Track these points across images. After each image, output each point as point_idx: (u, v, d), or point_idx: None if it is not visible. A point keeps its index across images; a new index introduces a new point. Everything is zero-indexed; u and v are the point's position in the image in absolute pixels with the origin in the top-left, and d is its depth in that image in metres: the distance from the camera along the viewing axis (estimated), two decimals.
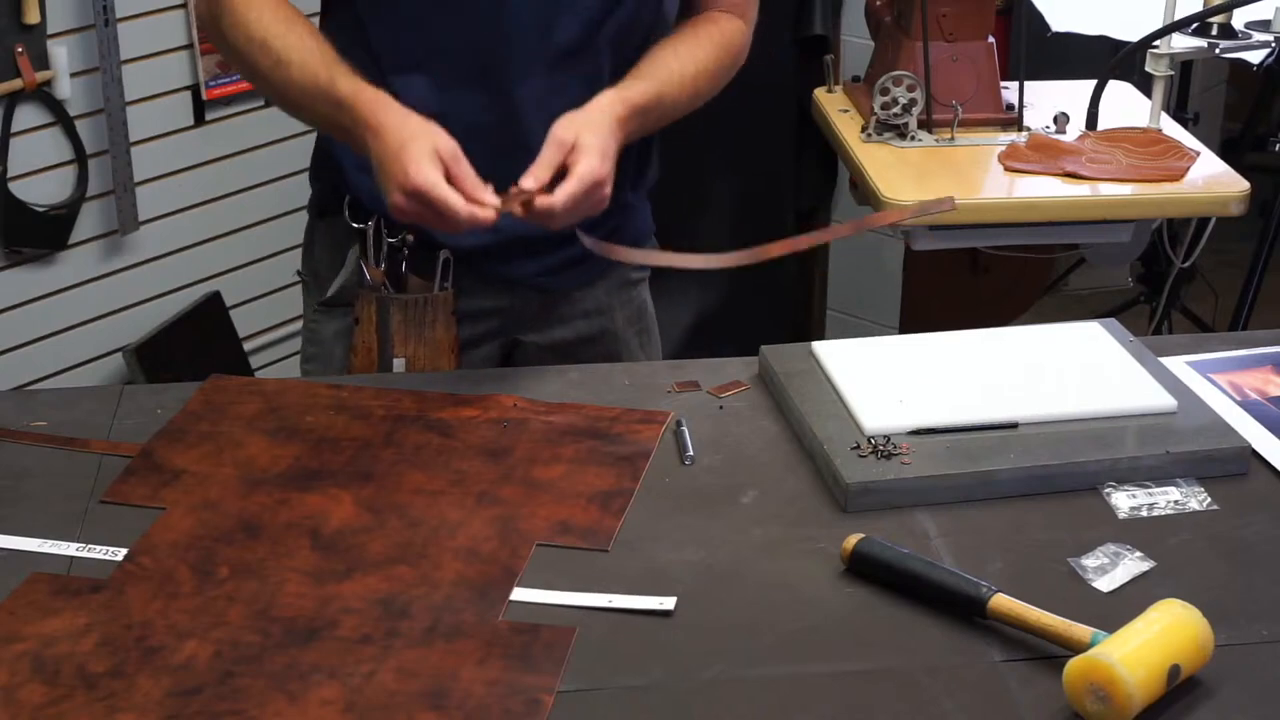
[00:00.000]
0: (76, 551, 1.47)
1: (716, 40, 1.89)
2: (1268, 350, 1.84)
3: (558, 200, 1.66)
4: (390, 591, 1.40)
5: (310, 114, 1.78)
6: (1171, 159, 2.72)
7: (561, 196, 1.66)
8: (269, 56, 1.74)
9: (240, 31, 1.76)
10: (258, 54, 1.75)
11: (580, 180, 1.67)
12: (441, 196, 1.62)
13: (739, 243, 3.59)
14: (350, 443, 1.64)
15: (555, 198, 1.66)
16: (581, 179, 1.67)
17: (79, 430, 1.67)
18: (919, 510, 1.53)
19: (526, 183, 1.67)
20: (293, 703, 1.27)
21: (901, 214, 1.54)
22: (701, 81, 1.86)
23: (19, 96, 2.83)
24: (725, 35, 1.90)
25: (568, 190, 1.66)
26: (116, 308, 3.09)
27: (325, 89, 1.71)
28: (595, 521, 1.52)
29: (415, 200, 1.62)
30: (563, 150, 1.68)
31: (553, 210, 1.67)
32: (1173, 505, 1.55)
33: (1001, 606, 1.35)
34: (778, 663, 1.33)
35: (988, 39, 2.87)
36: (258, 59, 1.76)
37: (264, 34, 1.75)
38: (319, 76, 1.72)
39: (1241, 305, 3.13)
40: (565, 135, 1.69)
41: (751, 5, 1.96)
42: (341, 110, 1.70)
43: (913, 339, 1.82)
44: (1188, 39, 2.88)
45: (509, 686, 1.28)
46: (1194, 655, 1.29)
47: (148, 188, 3.05)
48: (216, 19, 1.80)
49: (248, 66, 1.79)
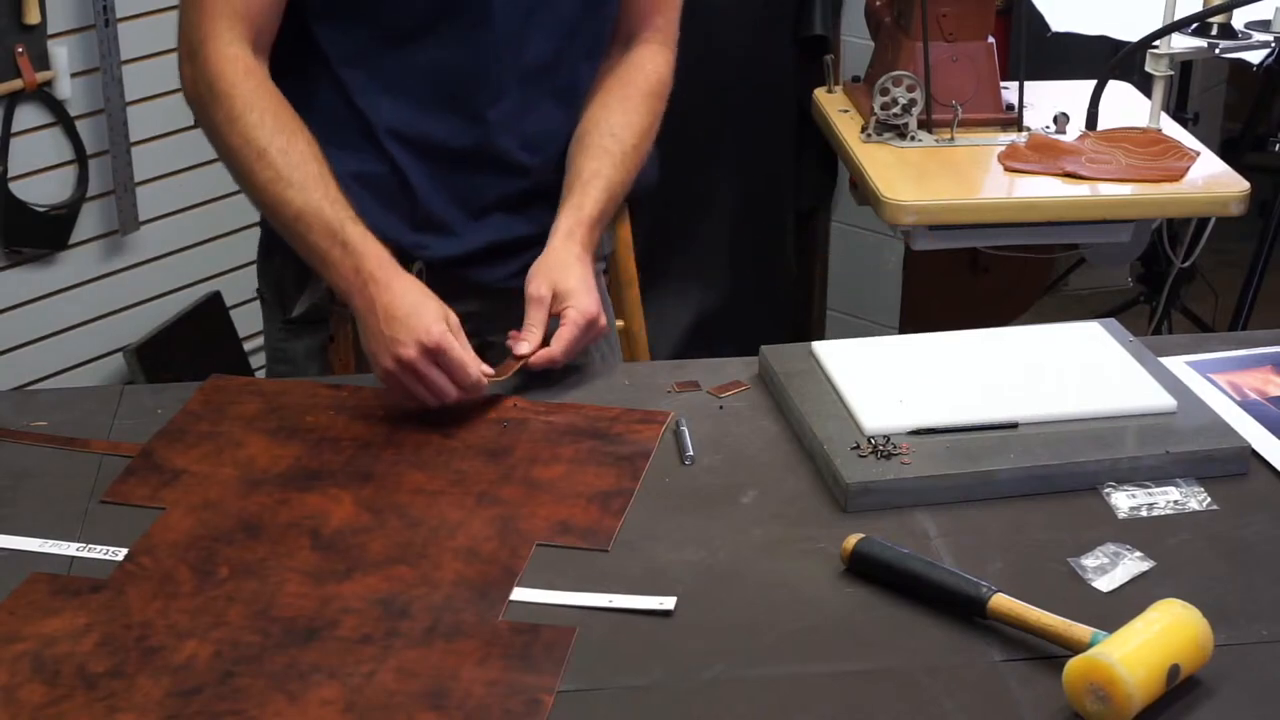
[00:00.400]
0: (77, 551, 1.47)
1: (645, 92, 1.91)
2: (1268, 350, 1.84)
3: (558, 353, 1.72)
4: (390, 591, 1.40)
5: (297, 236, 1.71)
6: (1171, 159, 2.72)
7: (561, 347, 1.72)
8: (268, 169, 1.70)
9: (238, 132, 1.71)
10: (254, 162, 1.71)
11: (575, 325, 1.73)
12: (459, 357, 1.64)
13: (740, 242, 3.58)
14: (350, 443, 1.64)
15: (555, 351, 1.72)
16: (575, 324, 1.73)
17: (79, 430, 1.67)
18: (919, 510, 1.53)
19: (521, 349, 1.71)
20: (293, 703, 1.27)
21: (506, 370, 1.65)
22: (643, 147, 1.89)
23: (19, 96, 2.83)
24: (651, 82, 1.92)
25: (566, 339, 1.72)
26: (116, 308, 3.09)
27: (329, 224, 1.69)
28: (595, 521, 1.52)
29: (426, 357, 1.62)
30: (544, 307, 1.73)
31: (555, 361, 1.72)
32: (1172, 505, 1.55)
33: (1001, 606, 1.35)
34: (778, 663, 1.33)
35: (988, 39, 2.87)
36: (254, 167, 1.71)
37: (265, 144, 1.70)
38: (324, 210, 1.69)
39: (1241, 305, 3.13)
40: (542, 293, 1.73)
41: (674, 27, 1.97)
42: (346, 252, 1.68)
43: (913, 339, 1.82)
44: (1188, 39, 2.88)
45: (509, 686, 1.28)
46: (1194, 655, 1.29)
47: (148, 188, 3.05)
48: (208, 108, 1.74)
49: (240, 168, 1.73)
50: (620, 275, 3.09)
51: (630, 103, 1.89)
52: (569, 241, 1.79)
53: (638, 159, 1.88)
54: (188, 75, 1.77)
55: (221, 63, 1.72)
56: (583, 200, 1.82)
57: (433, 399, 1.65)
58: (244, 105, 1.72)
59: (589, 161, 1.84)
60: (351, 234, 1.69)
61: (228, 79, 1.72)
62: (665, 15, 1.94)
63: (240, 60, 1.73)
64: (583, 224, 1.80)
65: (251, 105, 1.72)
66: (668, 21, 1.95)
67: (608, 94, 1.90)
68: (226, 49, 1.73)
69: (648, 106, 1.91)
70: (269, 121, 1.71)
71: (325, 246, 1.69)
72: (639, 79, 1.91)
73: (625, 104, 1.89)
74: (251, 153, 1.71)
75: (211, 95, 1.73)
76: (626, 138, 1.87)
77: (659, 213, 3.41)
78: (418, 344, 1.63)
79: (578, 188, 1.83)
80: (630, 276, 3.09)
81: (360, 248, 1.68)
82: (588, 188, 1.83)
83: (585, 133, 1.87)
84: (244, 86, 1.72)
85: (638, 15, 1.92)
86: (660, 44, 1.94)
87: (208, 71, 1.73)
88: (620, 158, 1.86)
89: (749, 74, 3.54)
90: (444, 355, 1.63)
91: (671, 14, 1.95)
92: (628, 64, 1.92)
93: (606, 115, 1.88)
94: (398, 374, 1.64)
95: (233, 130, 1.72)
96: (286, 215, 1.71)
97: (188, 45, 1.76)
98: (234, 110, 1.72)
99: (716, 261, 3.64)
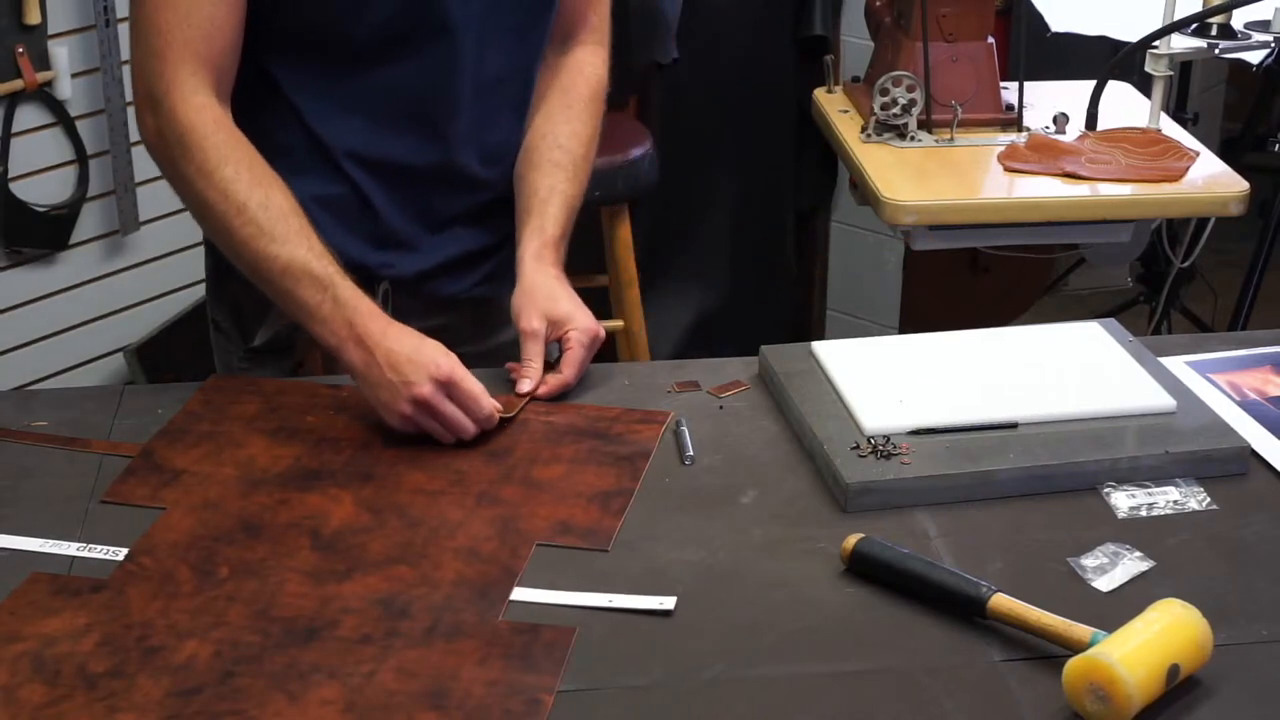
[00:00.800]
0: (77, 551, 1.47)
1: (588, 97, 1.90)
2: (1267, 350, 1.84)
3: (570, 377, 1.73)
4: (390, 591, 1.40)
5: (283, 291, 1.67)
6: (1171, 159, 2.72)
7: (572, 371, 1.73)
8: (249, 224, 1.66)
9: (214, 186, 1.67)
10: (234, 218, 1.66)
11: (581, 346, 1.74)
12: (471, 388, 1.63)
13: (740, 242, 3.59)
14: (350, 443, 1.64)
15: (567, 375, 1.73)
16: (581, 344, 1.74)
17: (79, 430, 1.67)
18: (919, 510, 1.53)
19: (524, 386, 1.71)
20: (293, 703, 1.27)
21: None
22: (590, 155, 1.89)
23: (20, 97, 2.83)
24: (592, 86, 1.91)
25: (575, 362, 1.74)
26: (117, 308, 3.09)
27: (318, 279, 1.65)
28: (595, 521, 1.52)
29: (440, 391, 1.61)
30: (540, 339, 1.73)
31: (568, 385, 1.73)
32: (1172, 505, 1.55)
33: (1001, 606, 1.35)
34: (778, 663, 1.33)
35: (988, 39, 2.87)
36: (234, 223, 1.66)
37: (244, 199, 1.66)
38: (310, 264, 1.66)
39: (1241, 305, 3.13)
40: (534, 325, 1.73)
41: (608, 24, 1.95)
42: (338, 306, 1.65)
43: (913, 339, 1.82)
44: (1187, 39, 2.88)
45: (509, 686, 1.29)
46: (1193, 655, 1.29)
47: (148, 188, 3.05)
48: (176, 162, 1.69)
49: (216, 223, 1.68)
50: (620, 275, 3.10)
51: (573, 110, 1.88)
52: (540, 264, 1.78)
53: (588, 168, 1.88)
54: (150, 126, 1.70)
55: (189, 114, 1.67)
56: (543, 221, 1.81)
57: (448, 435, 1.63)
58: (218, 159, 1.67)
59: (543, 178, 1.84)
60: (341, 288, 1.66)
61: (199, 131, 1.67)
62: (599, 13, 1.93)
63: (208, 110, 1.68)
64: (549, 245, 1.80)
65: (226, 159, 1.67)
66: (601, 19, 1.94)
67: (550, 104, 1.88)
68: (192, 98, 1.68)
69: (590, 113, 1.90)
70: (245, 175, 1.67)
71: (315, 302, 1.66)
72: (579, 84, 1.90)
73: (569, 112, 1.88)
74: (230, 208, 1.66)
75: (181, 149, 1.67)
76: (575, 148, 1.86)
77: (659, 213, 3.42)
78: (430, 379, 1.61)
79: (536, 207, 1.82)
80: (630, 276, 3.09)
81: (352, 302, 1.66)
82: (546, 206, 1.82)
83: (533, 147, 1.86)
84: (215, 139, 1.67)
85: (572, 16, 1.90)
86: (596, 43, 1.93)
87: (176, 125, 1.67)
88: (572, 170, 1.85)
89: (749, 74, 3.54)
90: (456, 387, 1.62)
91: (604, 10, 1.94)
92: (567, 69, 1.90)
93: (552, 127, 1.87)
94: (414, 416, 1.62)
95: (208, 185, 1.67)
96: (272, 270, 1.67)
97: (148, 95, 1.69)
98: (207, 164, 1.67)
99: (716, 261, 3.65)
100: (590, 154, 1.89)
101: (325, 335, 1.66)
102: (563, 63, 1.91)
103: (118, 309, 3.09)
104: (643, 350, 3.15)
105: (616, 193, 2.95)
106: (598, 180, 2.88)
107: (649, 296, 3.25)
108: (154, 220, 3.09)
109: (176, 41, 1.67)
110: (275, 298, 1.70)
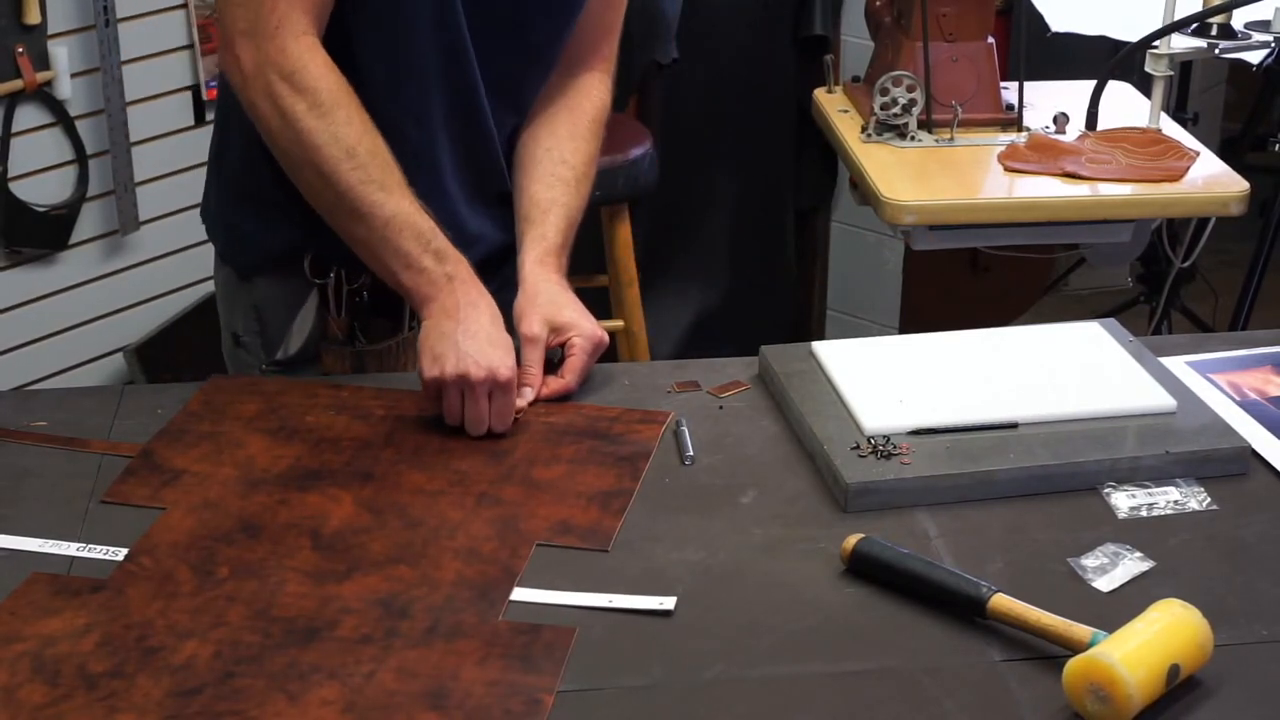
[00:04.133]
0: (77, 551, 1.47)
1: (593, 118, 1.91)
2: (1267, 350, 1.84)
3: (572, 382, 1.73)
4: (390, 591, 1.40)
5: (383, 240, 1.68)
6: (1171, 159, 2.72)
7: (574, 376, 1.74)
8: (358, 169, 1.66)
9: (323, 128, 1.65)
10: (343, 162, 1.65)
11: (584, 352, 1.74)
12: (512, 401, 1.65)
13: (740, 242, 3.59)
14: (350, 443, 1.64)
15: (569, 381, 1.73)
16: (584, 350, 1.74)
17: (79, 430, 1.67)
18: (919, 510, 1.53)
19: (525, 398, 1.70)
20: (293, 703, 1.27)
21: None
22: (591, 173, 1.90)
23: (19, 97, 2.83)
24: (598, 109, 1.92)
25: (577, 368, 1.74)
26: (117, 308, 3.09)
27: (422, 231, 1.68)
28: (595, 521, 1.52)
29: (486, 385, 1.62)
30: (540, 345, 1.73)
31: (569, 389, 1.73)
32: (1172, 505, 1.55)
33: (1001, 606, 1.35)
34: (778, 663, 1.33)
35: (988, 39, 2.87)
36: (341, 167, 1.65)
37: (354, 143, 1.66)
38: (414, 217, 1.68)
39: (1241, 305, 3.13)
40: (535, 331, 1.73)
41: (615, 55, 1.96)
42: (439, 260, 1.67)
43: (913, 339, 1.82)
44: (1187, 39, 2.88)
45: (509, 686, 1.29)
46: (1194, 655, 1.29)
47: (148, 188, 3.05)
48: (282, 99, 1.65)
49: (320, 165, 1.66)
50: (620, 275, 3.10)
51: (579, 128, 1.89)
52: (543, 270, 1.79)
53: (588, 185, 1.89)
54: (249, 59, 1.66)
55: (302, 52, 1.65)
56: (545, 229, 1.81)
57: (460, 421, 1.64)
58: (332, 101, 1.65)
59: (545, 190, 1.84)
60: (443, 243, 1.69)
61: (311, 71, 1.65)
62: (610, 44, 1.94)
63: (319, 52, 1.67)
64: (551, 252, 1.80)
65: (339, 102, 1.66)
66: (611, 51, 1.95)
67: (556, 120, 1.89)
68: (304, 37, 1.66)
69: (594, 134, 1.91)
70: (356, 120, 1.67)
71: (417, 252, 1.67)
72: (586, 106, 1.91)
73: (574, 129, 1.89)
74: (340, 151, 1.65)
75: (291, 85, 1.65)
76: (578, 164, 1.87)
77: (659, 213, 3.42)
78: (490, 371, 1.62)
79: (538, 217, 1.82)
80: (630, 276, 3.10)
81: (454, 257, 1.69)
82: (548, 215, 1.82)
83: (537, 160, 1.86)
84: (328, 80, 1.66)
85: (586, 44, 1.90)
86: (604, 72, 1.94)
87: (287, 60, 1.64)
88: (574, 184, 1.86)
89: (749, 74, 3.54)
90: (503, 395, 1.64)
91: (615, 42, 1.95)
92: (576, 90, 1.91)
93: (557, 142, 1.87)
94: (449, 383, 1.62)
95: (320, 125, 1.65)
96: (376, 217, 1.67)
97: (250, 28, 1.65)
98: (321, 105, 1.65)
99: (716, 261, 3.65)
100: (591, 173, 1.90)
101: (420, 284, 1.68)
102: (571, 85, 1.91)
103: (118, 309, 3.09)
104: (643, 350, 3.15)
105: (616, 193, 2.95)
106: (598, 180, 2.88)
107: (649, 296, 3.25)
108: (154, 220, 3.09)
109: None
110: (366, 246, 1.70)
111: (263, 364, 1.90)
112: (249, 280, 1.87)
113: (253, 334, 1.90)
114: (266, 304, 1.87)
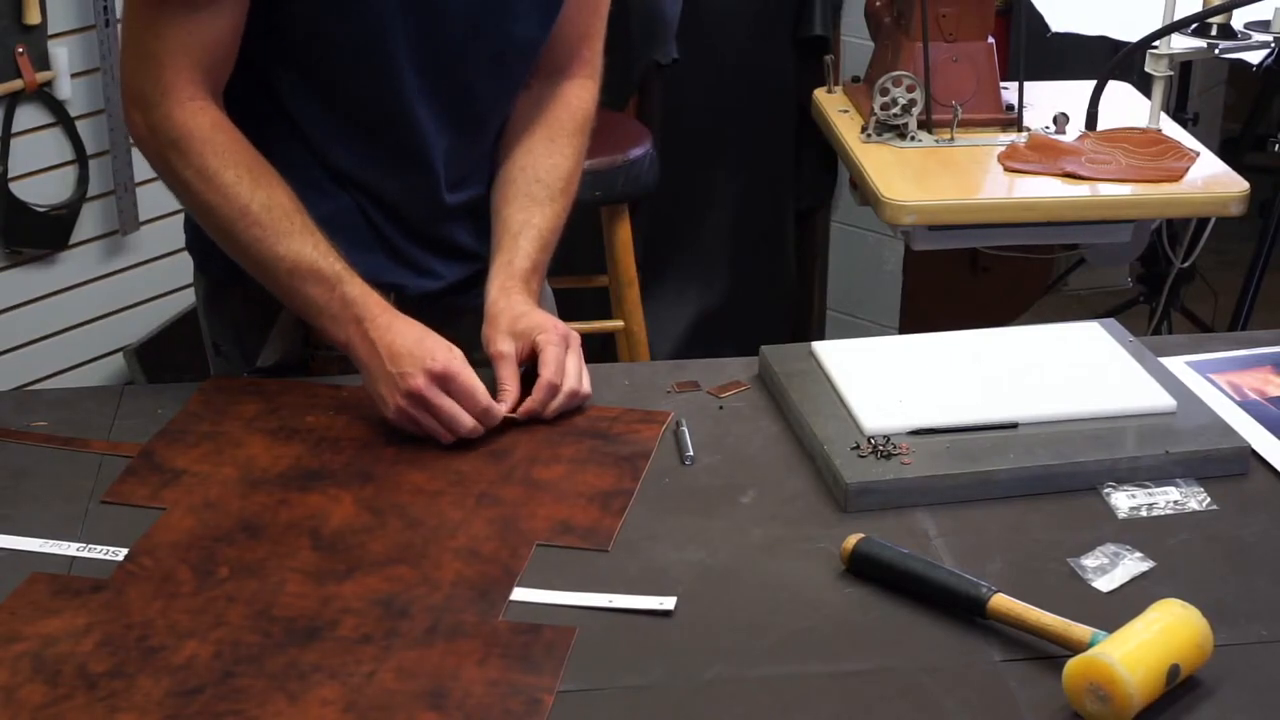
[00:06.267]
0: (77, 551, 1.47)
1: (572, 131, 1.87)
2: (1267, 350, 1.84)
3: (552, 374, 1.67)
4: (390, 591, 1.40)
5: (291, 290, 1.68)
6: (1171, 159, 2.72)
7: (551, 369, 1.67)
8: (253, 226, 1.65)
9: (214, 190, 1.65)
10: (237, 220, 1.65)
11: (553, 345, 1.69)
12: (468, 383, 1.62)
13: (740, 242, 3.59)
14: (350, 443, 1.64)
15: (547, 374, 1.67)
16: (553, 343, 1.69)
17: (79, 430, 1.67)
18: (919, 510, 1.53)
19: (503, 409, 1.66)
20: (293, 703, 1.27)
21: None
22: (570, 188, 1.86)
23: (20, 97, 2.83)
24: (578, 120, 1.88)
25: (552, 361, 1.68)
26: (117, 308, 3.09)
27: (326, 276, 1.65)
28: (595, 521, 1.52)
29: (435, 385, 1.60)
30: (511, 361, 1.69)
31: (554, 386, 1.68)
32: (1172, 505, 1.55)
33: (1001, 606, 1.35)
34: (778, 663, 1.33)
35: (988, 39, 2.87)
36: (237, 226, 1.66)
37: (246, 201, 1.65)
38: (318, 263, 1.66)
39: (1241, 305, 3.13)
40: (502, 348, 1.69)
41: (600, 57, 1.92)
42: (346, 304, 1.65)
43: (913, 339, 1.82)
44: (1187, 39, 2.88)
45: (509, 686, 1.29)
46: (1193, 655, 1.29)
47: (148, 188, 3.05)
48: (173, 165, 1.67)
49: (219, 226, 1.68)
50: (620, 275, 3.10)
51: (556, 144, 1.85)
52: (505, 296, 1.75)
53: (567, 201, 1.85)
54: (141, 124, 1.68)
55: (186, 117, 1.65)
56: (513, 256, 1.78)
57: (446, 432, 1.62)
58: (219, 162, 1.65)
59: (517, 212, 1.81)
60: (349, 285, 1.66)
61: (197, 135, 1.65)
62: (591, 47, 1.90)
63: (205, 112, 1.66)
64: (515, 277, 1.76)
65: (226, 162, 1.65)
66: (594, 53, 1.91)
67: (533, 136, 1.86)
68: (189, 102, 1.65)
69: (573, 146, 1.87)
70: (246, 177, 1.66)
71: (324, 299, 1.66)
72: (565, 117, 1.87)
73: (551, 145, 1.85)
74: (233, 211, 1.65)
75: (178, 152, 1.66)
76: (553, 182, 1.83)
77: (659, 213, 3.42)
78: (425, 372, 1.60)
79: (507, 243, 1.79)
80: (630, 276, 3.10)
81: (360, 298, 1.66)
82: (517, 240, 1.79)
83: (510, 180, 1.83)
84: (214, 142, 1.66)
85: (565, 49, 1.87)
86: (586, 77, 1.90)
87: (172, 127, 1.65)
88: (548, 204, 1.82)
89: (749, 74, 3.54)
90: (453, 382, 1.61)
91: (597, 44, 1.91)
92: (555, 101, 1.87)
93: (532, 160, 1.84)
94: (409, 409, 1.61)
95: (209, 188, 1.65)
96: (279, 271, 1.67)
97: (139, 96, 1.66)
98: (207, 169, 1.65)
99: (716, 261, 3.65)
100: (571, 187, 1.86)
101: (335, 332, 1.67)
102: (550, 94, 1.88)
103: (118, 309, 3.09)
104: (643, 350, 3.15)
105: (616, 193, 2.95)
106: (598, 180, 2.87)
107: (649, 296, 3.25)
108: (154, 220, 3.09)
109: (174, 46, 1.64)
110: (283, 297, 1.70)
111: (241, 374, 1.88)
112: (225, 290, 1.86)
113: (230, 343, 1.89)
114: (243, 314, 1.85)
